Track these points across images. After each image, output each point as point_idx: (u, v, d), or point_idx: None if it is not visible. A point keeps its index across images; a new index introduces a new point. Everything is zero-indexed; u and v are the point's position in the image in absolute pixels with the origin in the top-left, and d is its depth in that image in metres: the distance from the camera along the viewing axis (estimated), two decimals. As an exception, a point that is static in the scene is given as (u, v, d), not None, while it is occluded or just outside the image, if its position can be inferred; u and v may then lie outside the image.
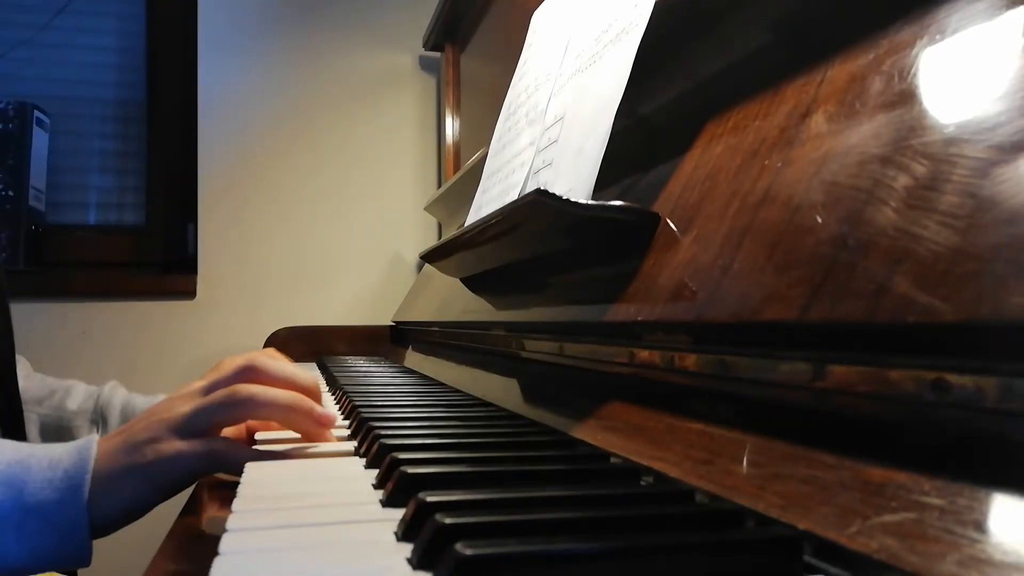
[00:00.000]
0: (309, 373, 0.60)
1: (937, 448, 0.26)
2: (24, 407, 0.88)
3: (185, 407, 0.54)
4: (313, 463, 0.52)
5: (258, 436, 0.60)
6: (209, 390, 0.56)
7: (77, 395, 0.93)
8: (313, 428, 0.55)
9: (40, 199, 1.67)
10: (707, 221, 0.44)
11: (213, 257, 1.72)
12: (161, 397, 0.93)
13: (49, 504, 0.50)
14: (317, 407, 0.55)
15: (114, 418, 0.92)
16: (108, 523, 0.52)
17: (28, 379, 0.95)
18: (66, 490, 0.50)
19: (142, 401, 0.94)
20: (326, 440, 0.56)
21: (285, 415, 0.55)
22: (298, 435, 0.57)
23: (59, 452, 0.53)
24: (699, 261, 0.42)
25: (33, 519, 0.50)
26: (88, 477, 0.51)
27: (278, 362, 0.58)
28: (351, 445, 0.56)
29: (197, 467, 0.52)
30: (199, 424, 0.53)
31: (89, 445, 0.53)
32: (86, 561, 0.52)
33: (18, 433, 0.85)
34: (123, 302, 1.68)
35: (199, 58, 1.74)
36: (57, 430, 0.91)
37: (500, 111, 0.89)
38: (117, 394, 0.94)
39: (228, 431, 0.58)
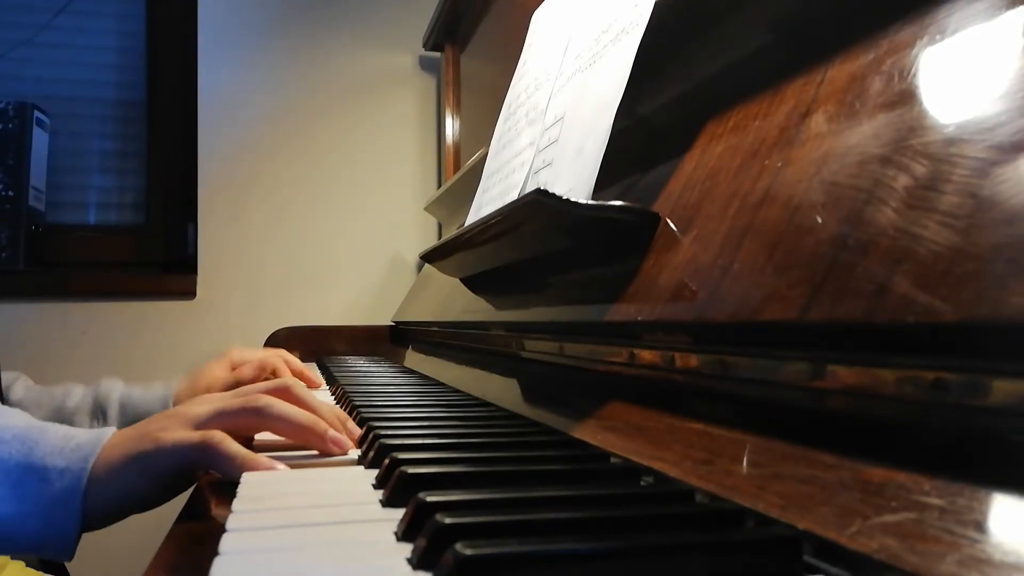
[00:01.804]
0: (334, 406, 0.60)
1: (937, 448, 0.26)
2: (25, 409, 0.88)
3: (204, 407, 0.55)
4: (313, 464, 0.52)
5: (257, 437, 0.59)
6: (229, 394, 0.57)
7: (75, 394, 0.94)
8: (325, 448, 0.55)
9: (40, 199, 1.67)
10: (707, 221, 0.44)
11: (213, 257, 1.72)
12: (158, 385, 0.93)
13: (52, 470, 0.51)
14: (331, 431, 0.54)
15: (113, 410, 0.93)
16: (100, 511, 0.52)
17: (29, 391, 0.96)
18: (72, 462, 0.51)
19: (139, 392, 0.95)
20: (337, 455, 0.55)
21: (298, 432, 0.55)
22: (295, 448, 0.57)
23: (78, 431, 0.55)
24: (699, 261, 0.42)
25: (33, 479, 0.51)
26: (95, 457, 0.52)
27: (309, 391, 0.59)
28: (355, 454, 0.55)
29: (190, 457, 0.51)
30: (212, 422, 0.54)
31: (106, 431, 0.54)
32: (70, 547, 0.52)
33: None
34: (123, 302, 1.68)
35: (199, 58, 1.73)
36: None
37: (500, 111, 0.89)
38: (115, 387, 0.95)
39: None
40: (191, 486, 0.56)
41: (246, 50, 1.78)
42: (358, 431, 0.58)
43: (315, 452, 0.55)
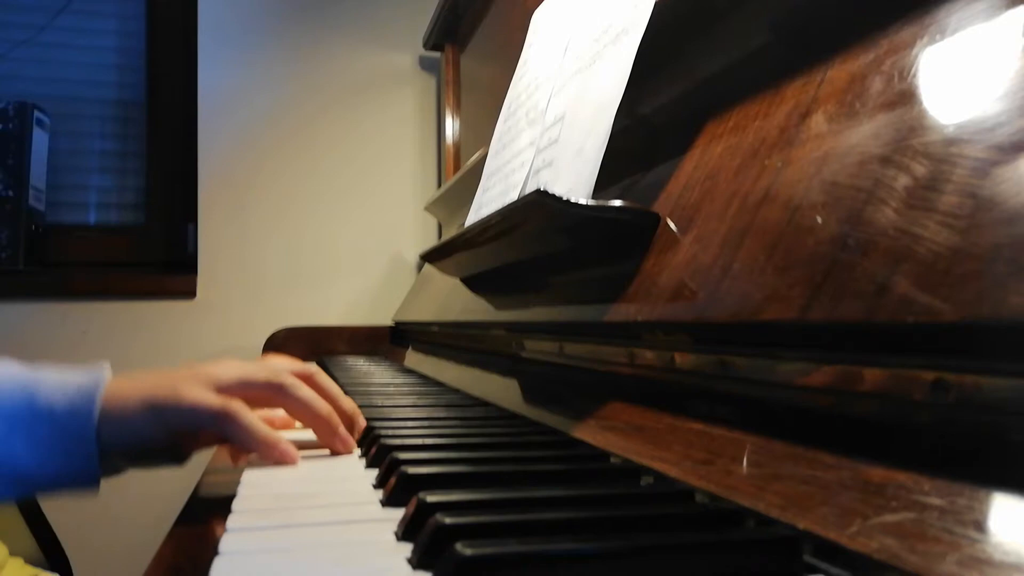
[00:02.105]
0: (351, 401, 0.60)
1: (937, 448, 0.26)
2: None
3: (229, 372, 0.54)
4: (314, 464, 0.52)
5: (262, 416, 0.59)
6: (255, 365, 0.57)
7: None
8: (332, 444, 0.55)
9: (40, 199, 1.67)
10: (707, 221, 0.44)
11: (213, 257, 1.72)
12: None
13: (59, 412, 0.50)
14: (343, 429, 0.56)
15: None
16: (115, 447, 0.52)
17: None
18: (77, 401, 0.50)
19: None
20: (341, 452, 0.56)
21: (313, 419, 0.55)
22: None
23: (70, 371, 0.53)
24: (699, 261, 0.42)
25: (43, 424, 0.50)
26: (99, 393, 0.51)
27: (331, 382, 0.59)
28: (356, 452, 0.56)
29: (207, 421, 0.51)
30: (233, 389, 0.53)
31: (101, 368, 0.54)
32: (94, 482, 0.52)
33: None
34: (123, 302, 1.68)
35: (199, 58, 1.73)
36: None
37: (500, 111, 0.89)
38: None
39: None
40: (204, 446, 0.56)
41: (246, 50, 1.78)
42: (363, 425, 0.59)
43: (316, 440, 0.56)
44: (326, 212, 1.80)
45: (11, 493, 0.53)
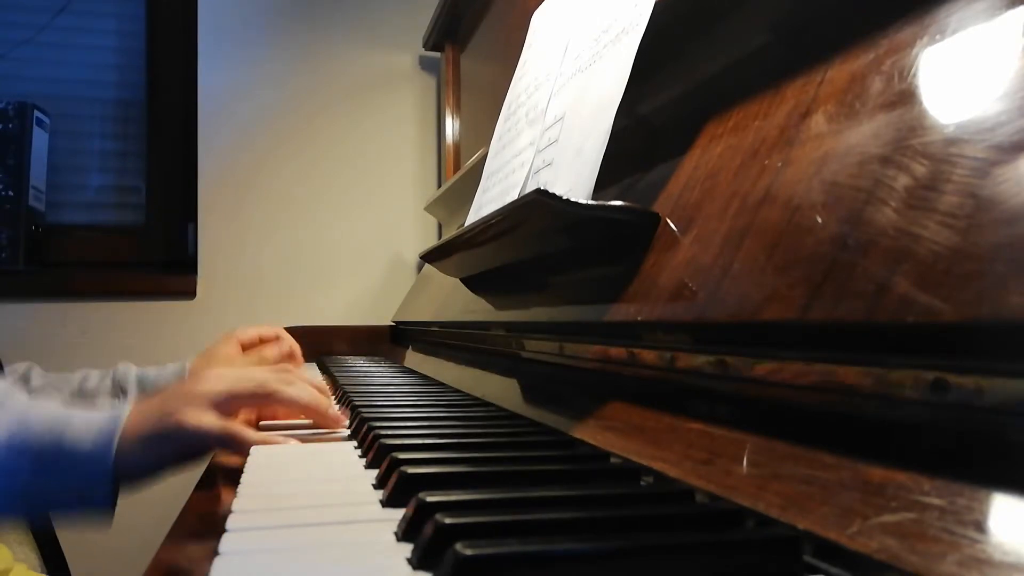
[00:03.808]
0: (321, 383, 0.70)
1: (937, 448, 0.26)
2: (47, 393, 0.95)
3: (220, 385, 0.62)
4: (313, 464, 0.52)
5: (262, 424, 0.68)
6: (243, 376, 0.65)
7: (93, 377, 0.99)
8: (326, 424, 0.66)
9: (40, 199, 1.67)
10: (707, 221, 0.44)
11: (213, 257, 1.72)
12: (171, 368, 1.01)
13: (82, 454, 0.58)
14: (332, 409, 0.66)
15: (131, 388, 0.98)
16: (134, 477, 0.60)
17: (45, 377, 1.01)
18: (99, 443, 0.58)
19: (154, 370, 1.01)
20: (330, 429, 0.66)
21: (304, 411, 0.66)
22: (298, 426, 0.68)
23: (96, 414, 0.61)
24: (699, 261, 0.42)
25: (67, 465, 0.58)
26: (117, 435, 0.58)
27: (304, 376, 0.69)
28: (347, 432, 0.64)
29: (213, 443, 0.59)
30: (226, 406, 0.61)
31: (120, 412, 0.61)
32: (107, 518, 0.60)
33: None
34: (123, 302, 1.68)
35: (199, 58, 1.73)
36: (82, 405, 0.96)
37: (500, 111, 0.89)
38: (131, 369, 1.01)
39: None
40: (207, 455, 0.63)
41: (246, 50, 1.78)
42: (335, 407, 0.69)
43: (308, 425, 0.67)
44: (326, 212, 1.80)
45: (35, 520, 0.63)
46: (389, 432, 0.53)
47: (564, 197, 0.51)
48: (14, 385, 0.70)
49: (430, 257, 0.97)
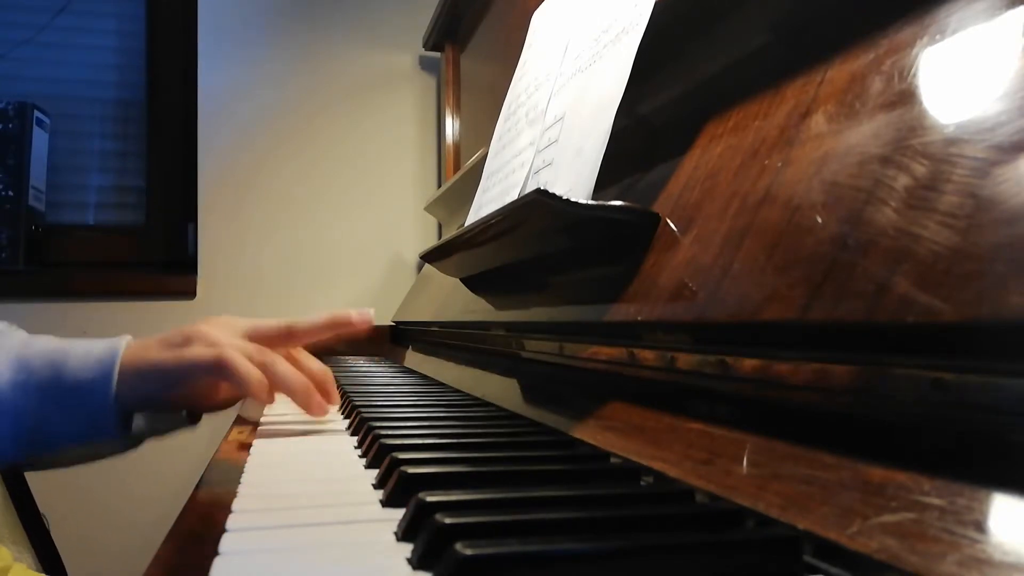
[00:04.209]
0: (323, 367, 0.72)
1: (937, 448, 0.26)
2: None
3: (225, 338, 0.63)
4: (313, 464, 0.52)
5: (263, 419, 0.67)
6: (250, 337, 0.66)
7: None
8: (311, 411, 0.66)
9: (40, 199, 1.67)
10: (707, 221, 0.44)
11: (213, 257, 1.72)
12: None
13: (83, 383, 0.59)
14: (317, 396, 0.65)
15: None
16: (135, 408, 0.62)
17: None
18: (98, 372, 0.60)
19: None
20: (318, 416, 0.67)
21: (288, 390, 0.65)
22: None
23: (94, 344, 0.63)
24: (699, 261, 0.42)
25: (70, 395, 0.59)
26: (116, 365, 0.60)
27: (307, 358, 0.70)
28: (343, 423, 0.66)
29: (207, 370, 0.60)
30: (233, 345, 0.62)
31: (119, 341, 0.63)
32: (117, 442, 0.62)
33: None
34: (123, 302, 1.68)
35: (199, 58, 1.73)
36: None
37: (500, 111, 0.89)
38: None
39: None
40: (212, 404, 0.66)
41: (246, 50, 1.78)
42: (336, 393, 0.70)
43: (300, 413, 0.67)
44: (326, 212, 1.80)
45: (48, 453, 0.62)
46: (389, 432, 0.53)
47: (564, 197, 0.51)
48: (10, 326, 0.72)
49: (430, 257, 0.97)
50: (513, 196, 0.72)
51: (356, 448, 0.56)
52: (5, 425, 0.58)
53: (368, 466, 0.49)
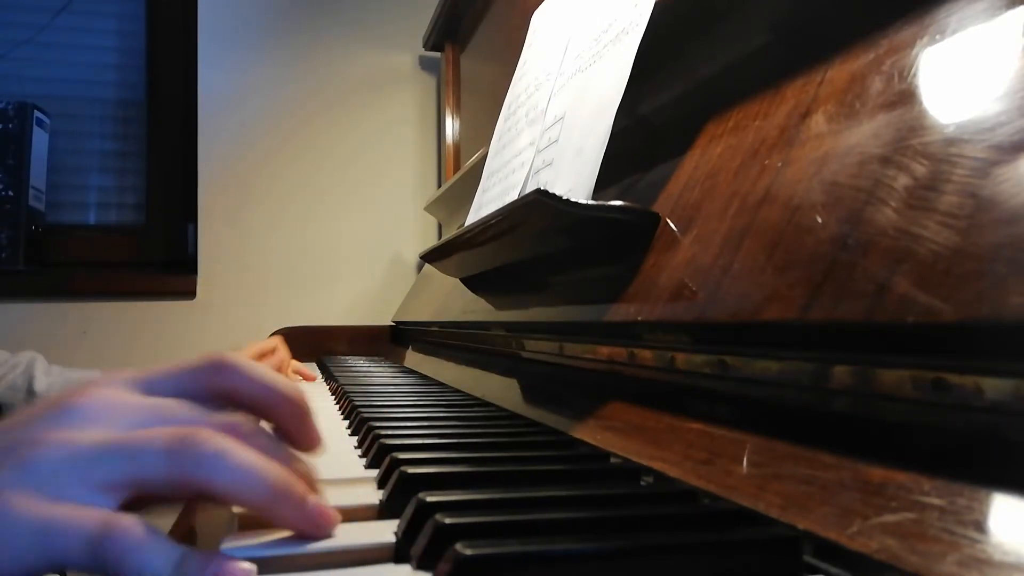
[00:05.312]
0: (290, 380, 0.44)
1: (937, 448, 0.26)
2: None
3: (98, 435, 0.31)
4: (313, 464, 0.52)
5: (224, 547, 0.31)
6: (149, 416, 0.33)
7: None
8: (304, 527, 0.32)
9: (40, 199, 1.67)
10: (707, 221, 0.44)
11: (213, 257, 1.72)
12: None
13: None
14: (311, 497, 0.32)
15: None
16: None
17: (48, 374, 1.00)
18: None
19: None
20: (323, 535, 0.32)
21: (260, 501, 0.31)
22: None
23: None
24: (699, 261, 0.42)
25: None
26: None
27: (254, 364, 0.37)
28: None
29: (73, 557, 0.28)
30: (113, 475, 0.30)
31: None
32: None
33: None
34: (123, 302, 1.68)
35: (199, 58, 1.73)
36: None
37: (500, 111, 0.89)
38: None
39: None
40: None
41: (246, 50, 1.78)
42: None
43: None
44: (326, 212, 1.80)
45: None
46: (389, 432, 0.53)
47: (564, 197, 0.51)
48: None
49: (430, 257, 0.97)
50: (513, 196, 0.72)
51: (356, 448, 0.56)
52: None
53: (368, 466, 0.49)
